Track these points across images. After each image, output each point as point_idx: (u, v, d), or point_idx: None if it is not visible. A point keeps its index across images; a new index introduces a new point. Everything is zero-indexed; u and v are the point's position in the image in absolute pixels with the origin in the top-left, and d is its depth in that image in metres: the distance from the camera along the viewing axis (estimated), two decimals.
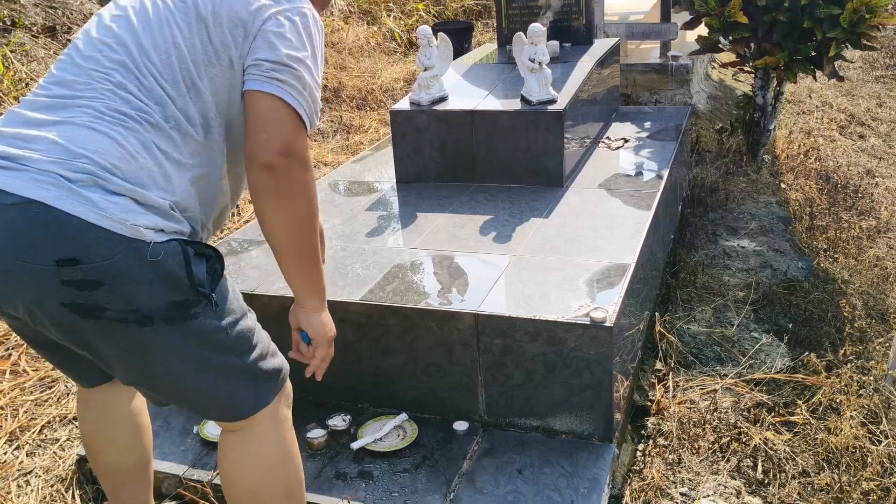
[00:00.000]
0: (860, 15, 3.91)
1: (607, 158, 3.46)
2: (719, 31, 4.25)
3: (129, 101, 1.34)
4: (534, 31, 3.07)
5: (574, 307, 2.15)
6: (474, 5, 8.62)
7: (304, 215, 1.46)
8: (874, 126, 5.75)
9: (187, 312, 1.36)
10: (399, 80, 6.25)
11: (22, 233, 1.22)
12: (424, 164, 3.31)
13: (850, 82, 6.71)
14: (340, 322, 2.32)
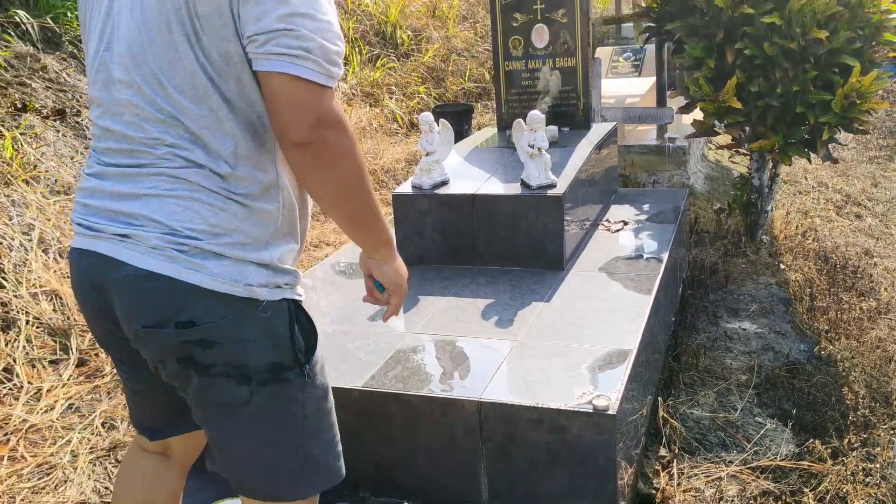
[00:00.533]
0: (851, 100, 4.01)
1: (607, 241, 3.49)
2: (714, 115, 4.34)
3: (191, 160, 1.34)
4: (533, 118, 3.15)
5: (577, 394, 2.14)
6: (474, 88, 8.84)
7: (353, 179, 1.37)
8: (870, 206, 5.82)
9: (280, 376, 1.41)
10: (401, 160, 6.37)
11: (146, 302, 1.34)
12: (426, 246, 3.34)
13: (845, 163, 6.83)
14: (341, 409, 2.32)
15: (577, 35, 4.05)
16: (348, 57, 7.97)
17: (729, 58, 4.15)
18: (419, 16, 9.34)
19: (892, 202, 5.89)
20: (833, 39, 3.95)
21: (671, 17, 4.49)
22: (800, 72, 4.02)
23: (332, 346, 2.58)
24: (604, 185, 4.01)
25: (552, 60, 4.13)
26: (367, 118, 7.08)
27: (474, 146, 3.98)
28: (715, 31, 4.17)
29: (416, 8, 9.39)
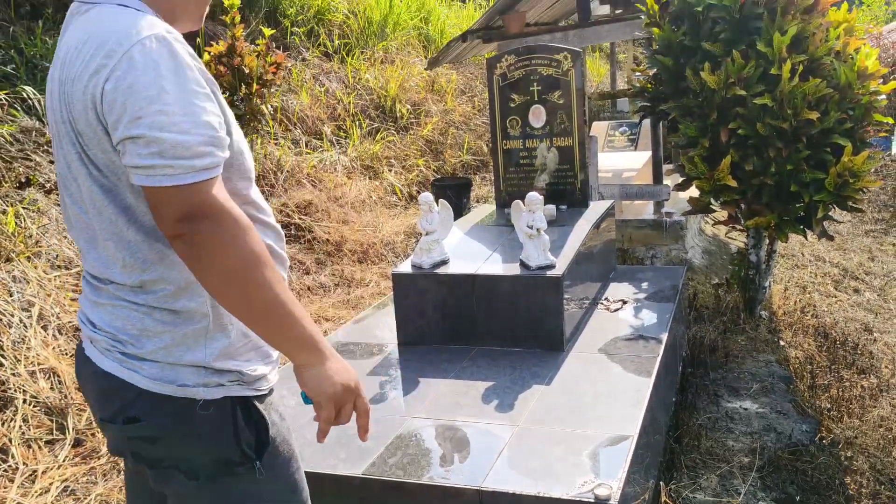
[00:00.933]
0: (844, 179, 4.07)
1: (607, 320, 3.50)
2: (710, 193, 4.40)
3: (106, 277, 1.41)
4: (531, 200, 3.20)
5: (578, 483, 2.12)
6: (472, 160, 8.97)
7: (238, 270, 1.27)
8: (868, 280, 5.85)
9: (230, 471, 1.42)
10: (399, 233, 6.42)
11: (103, 397, 1.44)
12: (426, 326, 3.35)
13: (841, 236, 6.89)
14: (341, 498, 2.29)
15: (574, 116, 4.14)
16: (348, 131, 8.12)
17: (723, 137, 4.23)
18: (418, 90, 9.54)
19: (889, 276, 5.92)
20: (824, 120, 4.04)
21: (665, 97, 4.59)
22: (793, 151, 4.10)
23: (334, 431, 2.56)
24: (602, 264, 4.04)
25: (549, 140, 4.22)
26: (367, 191, 7.16)
27: (473, 224, 4.02)
28: (708, 112, 4.26)
29: (416, 83, 9.60)
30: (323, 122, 8.04)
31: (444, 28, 11.61)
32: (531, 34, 6.26)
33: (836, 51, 4.17)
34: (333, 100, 8.50)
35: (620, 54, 11.16)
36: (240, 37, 6.05)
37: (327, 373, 1.39)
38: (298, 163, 6.92)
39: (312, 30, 9.60)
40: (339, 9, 10.10)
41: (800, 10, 4.11)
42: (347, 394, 1.41)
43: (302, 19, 9.55)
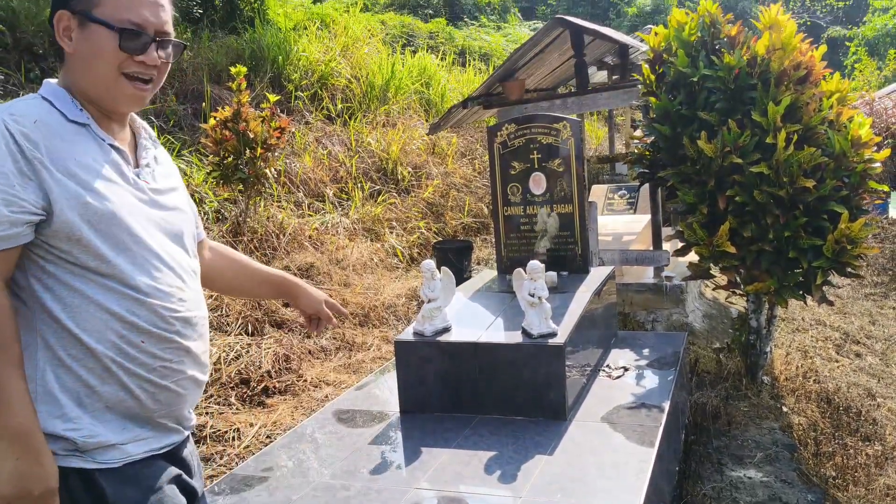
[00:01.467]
0: (842, 246, 4.11)
1: (609, 388, 3.50)
2: (709, 258, 4.44)
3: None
4: (533, 268, 3.23)
5: None
6: (472, 222, 9.05)
7: None
8: (869, 344, 5.85)
9: None
10: (401, 296, 6.43)
11: None
12: (428, 393, 3.34)
13: (841, 300, 6.90)
14: None
15: (574, 183, 4.21)
16: (350, 193, 8.21)
17: (721, 204, 4.29)
18: (419, 153, 9.68)
19: (890, 340, 5.92)
20: (820, 188, 4.10)
21: (663, 164, 4.67)
22: (790, 218, 4.14)
23: (333, 501, 2.55)
24: (604, 330, 4.05)
25: (549, 206, 4.27)
26: (368, 253, 7.20)
27: (475, 291, 4.05)
28: (706, 179, 4.32)
29: (417, 145, 9.75)
30: (325, 185, 8.14)
31: (444, 92, 11.84)
32: (531, 101, 6.39)
33: (829, 120, 4.26)
34: (336, 162, 8.62)
35: (618, 117, 11.33)
36: (245, 102, 6.17)
37: (15, 472, 1.34)
38: (301, 225, 6.98)
39: (316, 94, 9.79)
40: (342, 74, 10.32)
41: (793, 80, 4.21)
42: (29, 497, 1.36)
43: (306, 84, 9.74)
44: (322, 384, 4.81)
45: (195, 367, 1.65)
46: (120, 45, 1.53)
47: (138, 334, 1.52)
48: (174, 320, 1.58)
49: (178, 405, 1.63)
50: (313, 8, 13.80)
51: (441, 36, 15.85)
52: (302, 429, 3.31)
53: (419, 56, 12.41)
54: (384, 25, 14.76)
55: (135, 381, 1.53)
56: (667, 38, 4.64)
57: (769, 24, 4.28)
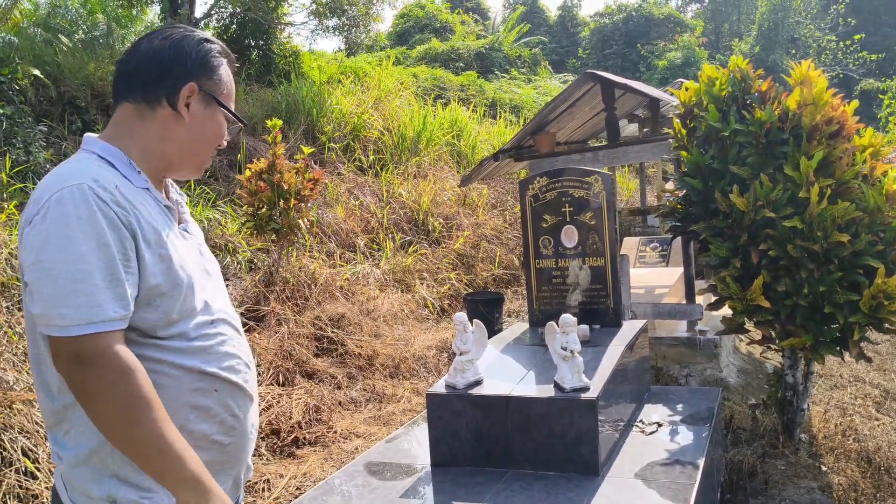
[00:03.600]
0: (879, 301, 4.05)
1: (642, 444, 3.45)
2: (743, 313, 4.39)
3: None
4: (565, 322, 3.22)
5: None
6: (503, 274, 9.06)
7: (115, 413, 1.40)
8: None
9: None
10: (431, 347, 6.43)
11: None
12: (460, 447, 3.32)
13: (881, 356, 6.76)
14: None
15: (605, 236, 4.22)
16: (381, 244, 8.28)
17: (754, 258, 4.26)
18: (450, 204, 9.76)
19: None
20: (855, 242, 4.06)
21: (695, 217, 4.66)
22: (825, 273, 4.10)
23: None
24: (637, 384, 4.02)
25: (581, 259, 4.28)
26: (399, 304, 7.23)
27: (507, 343, 4.05)
28: (739, 233, 4.31)
29: (448, 196, 9.84)
30: (357, 235, 8.22)
31: (475, 144, 11.98)
32: (561, 153, 6.44)
33: (863, 174, 4.24)
34: (367, 213, 8.72)
35: (649, 168, 11.36)
36: (280, 154, 6.30)
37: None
38: (332, 275, 7.04)
39: (348, 145, 9.96)
40: (374, 126, 10.50)
41: (825, 135, 4.21)
42: None
43: (339, 136, 9.92)
44: (352, 436, 4.80)
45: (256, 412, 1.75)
46: (228, 130, 1.72)
47: (212, 383, 1.59)
48: (241, 367, 1.66)
49: (245, 452, 1.71)
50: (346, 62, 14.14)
51: (472, 88, 16.10)
52: (332, 481, 3.30)
53: (450, 108, 12.60)
54: (416, 78, 15.03)
55: (209, 428, 1.60)
56: (697, 92, 4.68)
57: (800, 80, 4.30)
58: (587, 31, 31.83)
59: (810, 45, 29.45)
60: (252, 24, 11.53)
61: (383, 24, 26.42)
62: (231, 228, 7.07)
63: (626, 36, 29.93)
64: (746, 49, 28.50)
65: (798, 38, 29.68)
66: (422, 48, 21.28)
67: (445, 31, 24.50)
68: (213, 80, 1.66)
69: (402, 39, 24.58)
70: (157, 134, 1.61)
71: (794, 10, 29.97)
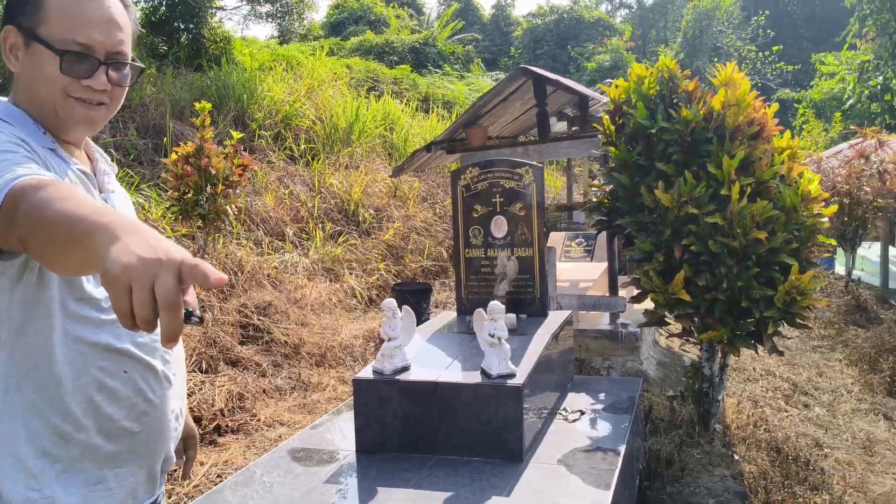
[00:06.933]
0: (792, 297, 4.22)
1: (565, 432, 3.51)
2: (665, 306, 4.52)
3: None
4: (493, 309, 3.25)
5: None
6: (432, 265, 9.08)
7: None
8: (816, 395, 5.97)
9: None
10: (358, 336, 6.40)
11: None
12: (385, 433, 3.32)
13: (790, 351, 7.05)
14: None
15: (534, 227, 4.27)
16: (311, 233, 8.20)
17: (676, 253, 4.38)
18: (381, 195, 9.73)
19: (836, 392, 6.06)
20: (772, 240, 4.22)
21: (621, 212, 4.77)
22: (743, 268, 4.25)
23: None
24: (561, 373, 4.08)
25: (510, 250, 4.32)
26: (327, 293, 7.17)
27: (435, 331, 4.06)
28: (663, 228, 4.43)
29: (379, 188, 9.80)
30: (286, 224, 8.12)
31: (407, 137, 11.97)
32: (493, 147, 6.49)
33: (781, 175, 4.41)
34: (297, 202, 8.61)
35: (576, 167, 11.56)
36: (209, 138, 6.17)
37: (124, 245, 0.96)
38: (260, 263, 6.94)
39: (279, 134, 9.82)
40: (307, 115, 10.37)
41: (746, 136, 4.37)
42: (146, 265, 0.92)
43: (269, 123, 9.77)
44: (276, 424, 4.74)
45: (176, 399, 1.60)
46: (61, 68, 1.38)
47: (120, 362, 1.43)
48: (160, 345, 1.43)
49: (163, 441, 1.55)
50: (279, 49, 13.93)
51: (405, 82, 16.07)
52: (254, 468, 3.25)
53: (384, 101, 12.56)
54: (349, 70, 14.92)
55: (117, 413, 1.43)
56: (627, 90, 4.79)
57: (725, 81, 4.45)
58: (520, 30, 32.17)
59: (732, 53, 30.46)
60: (182, 6, 11.23)
61: (318, 13, 26.14)
62: (155, 213, 6.89)
63: (558, 37, 30.38)
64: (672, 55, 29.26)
65: (721, 47, 30.66)
66: (356, 40, 21.13)
67: (380, 24, 24.38)
68: (35, 8, 1.39)
69: (336, 30, 24.36)
70: (17, 91, 1.45)
71: (717, 20, 30.94)
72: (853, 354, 7.03)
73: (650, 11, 36.94)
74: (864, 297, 9.03)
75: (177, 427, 1.60)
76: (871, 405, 5.72)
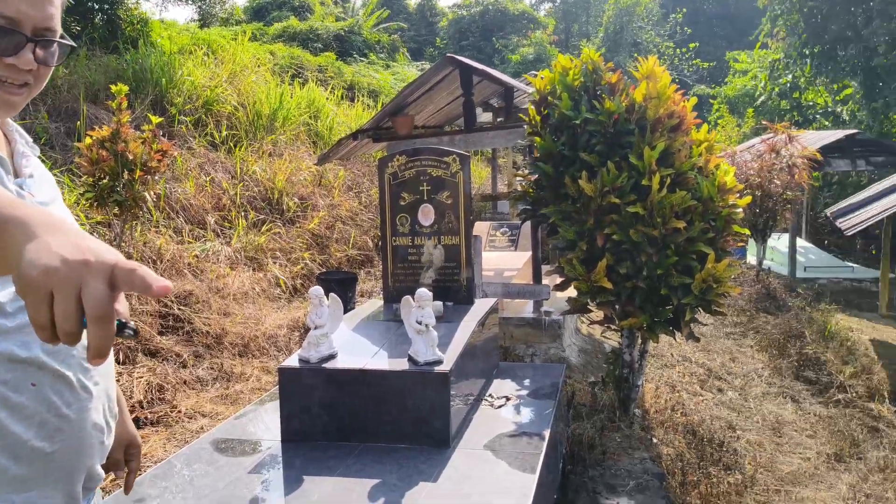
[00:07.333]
0: (708, 284, 4.37)
1: (491, 417, 3.56)
2: (587, 294, 4.62)
3: None
4: (421, 296, 3.26)
5: None
6: (357, 255, 9.02)
7: None
8: (730, 380, 6.21)
9: None
10: (283, 326, 6.32)
11: None
12: (312, 422, 3.29)
13: (705, 338, 7.31)
14: None
15: (461, 215, 4.29)
16: (233, 221, 8.03)
17: (599, 242, 4.48)
18: (306, 184, 9.60)
19: (748, 377, 6.31)
20: (690, 229, 4.36)
21: (545, 201, 4.84)
22: (662, 257, 4.38)
23: None
24: (487, 360, 4.12)
25: (437, 238, 4.33)
26: (250, 282, 7.05)
27: (362, 319, 4.04)
28: (586, 217, 4.52)
29: (304, 176, 9.67)
30: (207, 212, 7.93)
31: (333, 125, 11.84)
32: (419, 136, 6.49)
33: (698, 166, 4.55)
34: (219, 190, 8.43)
35: (501, 158, 11.66)
36: (125, 122, 5.96)
37: (44, 244, 0.83)
38: (180, 252, 6.76)
39: (200, 119, 9.58)
40: (229, 101, 10.15)
41: (667, 128, 4.49)
42: (71, 269, 0.80)
43: (190, 108, 9.52)
44: (197, 415, 4.64)
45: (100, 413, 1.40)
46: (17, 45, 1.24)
47: (27, 373, 1.26)
48: (77, 352, 1.32)
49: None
50: (199, 33, 13.57)
51: (330, 70, 15.88)
52: (175, 460, 3.18)
53: (308, 88, 12.39)
54: (273, 56, 14.65)
55: (26, 432, 1.26)
56: (552, 81, 4.85)
57: (646, 74, 4.56)
58: (445, 21, 32.21)
59: (651, 49, 31.22)
60: None
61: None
62: (69, 200, 6.63)
63: (483, 29, 30.54)
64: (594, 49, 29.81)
65: (640, 43, 31.39)
66: (279, 26, 20.74)
67: (304, 11, 23.99)
68: None
69: (258, 15, 23.85)
70: None
71: (637, 16, 31.66)
72: (763, 340, 7.34)
73: (573, 6, 37.52)
74: (774, 286, 9.43)
75: (103, 440, 1.41)
76: (780, 388, 5.99)
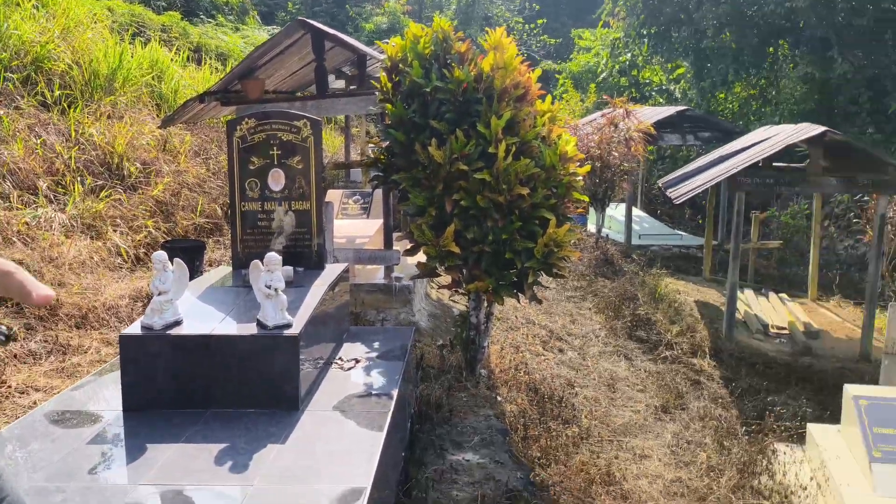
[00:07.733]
0: (550, 249, 4.59)
1: (341, 379, 3.60)
2: (436, 258, 4.73)
3: None
4: (270, 260, 3.24)
5: None
6: (205, 223, 8.74)
7: None
8: (570, 341, 6.57)
9: None
10: (125, 297, 6.05)
11: None
12: (156, 390, 3.21)
13: (548, 301, 7.66)
14: None
15: (312, 181, 4.27)
16: (68, 187, 7.57)
17: (448, 207, 4.59)
18: (149, 149, 9.15)
19: (586, 337, 6.70)
20: (533, 196, 4.55)
21: (397, 168, 4.90)
22: (507, 222, 4.56)
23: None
24: (337, 324, 4.16)
25: (287, 203, 4.30)
26: (88, 251, 6.68)
27: (209, 285, 3.96)
28: (435, 184, 4.61)
29: (146, 141, 9.22)
30: (38, 177, 7.42)
31: (178, 88, 11.32)
32: (270, 101, 6.36)
33: (542, 136, 4.75)
34: (52, 153, 7.89)
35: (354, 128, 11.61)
36: None
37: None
38: (8, 218, 6.31)
39: (29, 77, 8.90)
40: (62, 58, 9.48)
41: (513, 98, 4.64)
42: None
43: (17, 65, 8.83)
44: (30, 390, 4.39)
45: None
46: None
47: None
48: None
49: None
50: None
51: (175, 30, 15.13)
52: (6, 433, 3.02)
53: (150, 48, 11.74)
54: (111, 12, 13.76)
55: None
56: (403, 49, 4.89)
57: (494, 45, 4.68)
58: None
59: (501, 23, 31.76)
60: None
61: None
62: None
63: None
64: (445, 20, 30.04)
65: (491, 17, 31.90)
66: None
67: None
68: None
69: None
70: None
71: None
72: (601, 303, 7.79)
73: None
74: (612, 253, 9.99)
75: None
76: (615, 347, 6.40)
